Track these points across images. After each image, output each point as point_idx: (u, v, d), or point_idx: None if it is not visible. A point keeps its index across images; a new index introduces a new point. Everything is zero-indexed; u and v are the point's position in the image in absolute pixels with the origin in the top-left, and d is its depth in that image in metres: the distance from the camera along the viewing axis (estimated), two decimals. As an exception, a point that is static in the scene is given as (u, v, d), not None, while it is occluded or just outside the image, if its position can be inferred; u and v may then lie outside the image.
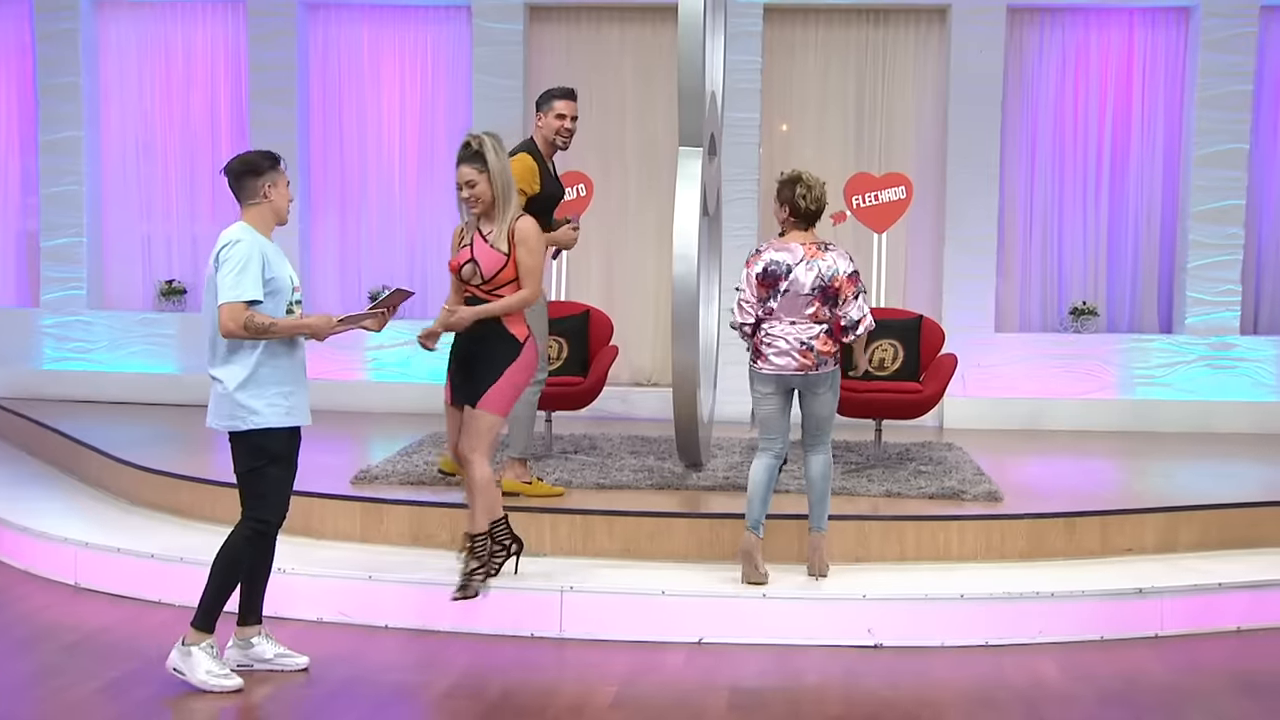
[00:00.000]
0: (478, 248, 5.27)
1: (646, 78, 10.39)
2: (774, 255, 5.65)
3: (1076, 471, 7.96)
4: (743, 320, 5.66)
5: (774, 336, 5.64)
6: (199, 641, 4.76)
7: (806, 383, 5.69)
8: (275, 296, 4.75)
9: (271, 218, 4.84)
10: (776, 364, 5.64)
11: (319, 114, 10.55)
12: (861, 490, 6.74)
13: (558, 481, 6.81)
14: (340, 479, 6.84)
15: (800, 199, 5.67)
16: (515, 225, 5.27)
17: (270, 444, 4.78)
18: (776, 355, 5.64)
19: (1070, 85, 10.21)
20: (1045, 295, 10.32)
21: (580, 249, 10.23)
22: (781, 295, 5.61)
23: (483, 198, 5.24)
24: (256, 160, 4.83)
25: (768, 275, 5.62)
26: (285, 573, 5.70)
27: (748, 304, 5.65)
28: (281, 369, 4.79)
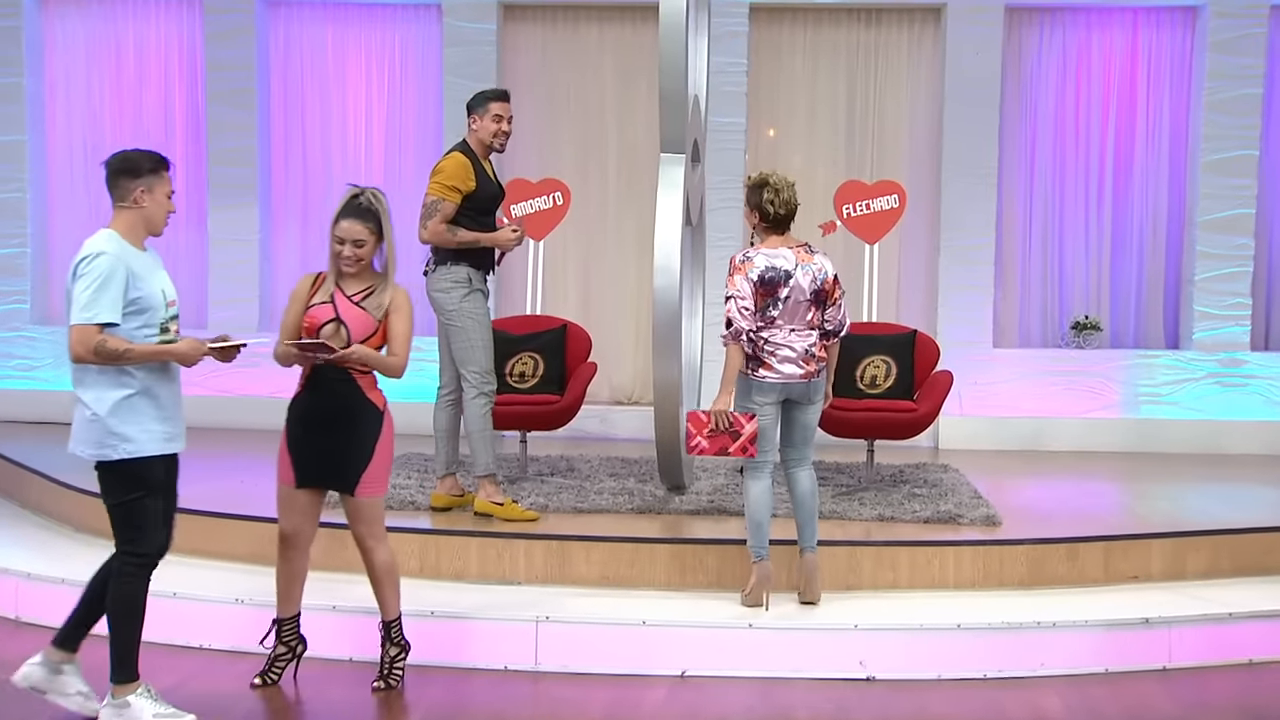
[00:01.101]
0: (344, 308, 4.92)
1: (626, 80, 10.42)
2: (768, 261, 5.65)
3: (1079, 494, 7.98)
4: (747, 326, 5.63)
5: (777, 344, 5.66)
6: (131, 691, 4.66)
7: (807, 391, 5.74)
8: (142, 315, 4.55)
9: (143, 227, 4.67)
10: (782, 372, 5.66)
11: (280, 117, 10.55)
12: (853, 514, 6.75)
13: (532, 505, 6.81)
14: (302, 504, 6.81)
15: (768, 204, 5.70)
16: (394, 294, 4.98)
17: (148, 474, 4.61)
18: (781, 364, 5.66)
19: (1071, 88, 10.28)
20: (1045, 309, 10.37)
21: (557, 260, 10.28)
22: (783, 303, 5.65)
23: (365, 260, 4.93)
24: (137, 160, 4.68)
25: (765, 282, 5.64)
26: (244, 604, 5.68)
27: (748, 311, 5.63)
28: (159, 391, 4.60)
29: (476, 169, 6.57)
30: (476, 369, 6.59)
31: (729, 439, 5.60)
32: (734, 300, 5.63)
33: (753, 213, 5.76)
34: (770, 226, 5.75)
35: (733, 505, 6.88)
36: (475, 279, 6.60)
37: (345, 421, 4.96)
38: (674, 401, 6.68)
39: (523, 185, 9.10)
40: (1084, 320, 10.10)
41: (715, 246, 9.52)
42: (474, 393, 6.59)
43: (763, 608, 5.72)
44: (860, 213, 9.01)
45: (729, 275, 5.69)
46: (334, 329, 4.90)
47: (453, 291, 6.57)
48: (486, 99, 6.64)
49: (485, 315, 6.60)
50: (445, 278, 6.60)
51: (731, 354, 5.63)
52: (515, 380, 7.81)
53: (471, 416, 6.62)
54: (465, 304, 6.56)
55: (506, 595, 5.93)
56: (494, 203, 6.71)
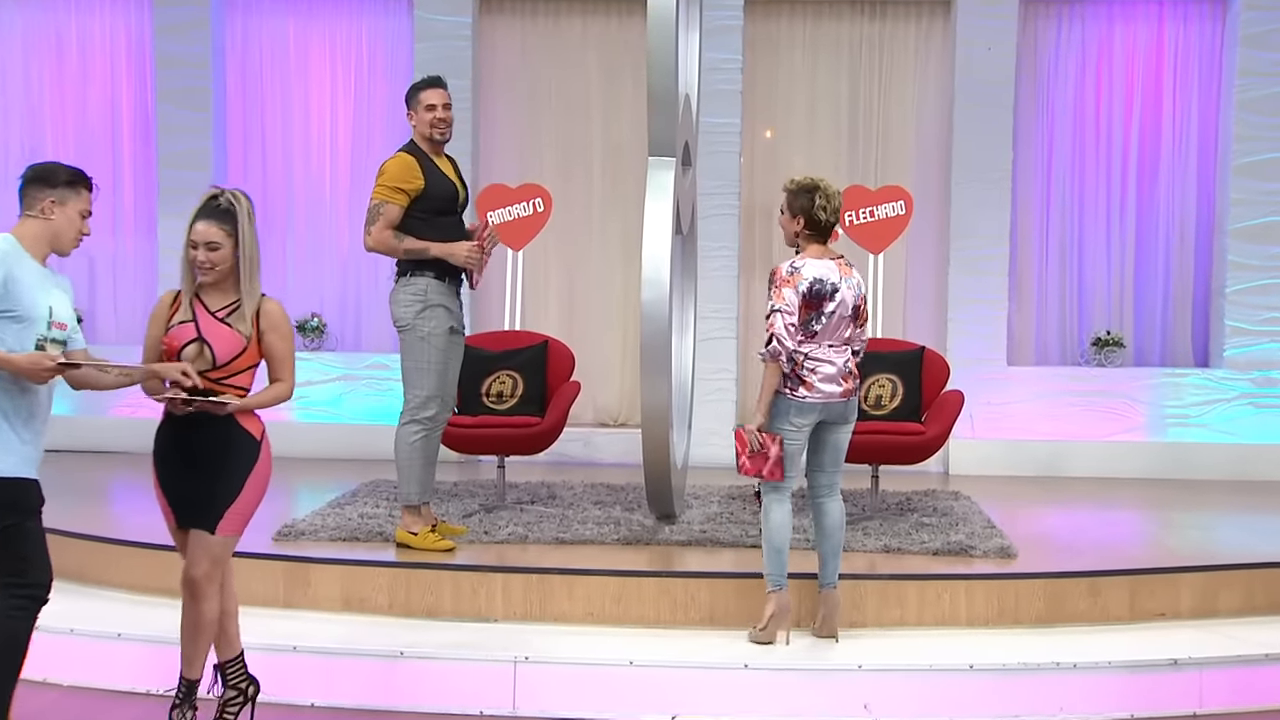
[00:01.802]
0: (206, 325, 4.77)
1: (612, 78, 10.45)
2: (816, 272, 5.71)
3: (1101, 524, 8.00)
4: (791, 346, 5.66)
5: (818, 361, 5.71)
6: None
7: (844, 411, 5.83)
8: (17, 324, 4.47)
9: (46, 241, 4.61)
10: (824, 391, 5.72)
11: (237, 117, 10.56)
12: (856, 545, 6.76)
13: (511, 536, 6.82)
14: (261, 535, 6.79)
15: (820, 210, 5.76)
16: (263, 307, 4.90)
17: (23, 497, 4.54)
18: (824, 382, 5.71)
19: (1091, 86, 10.32)
20: (1064, 324, 10.40)
21: (538, 271, 10.29)
22: (828, 318, 5.72)
23: (220, 266, 4.80)
24: (54, 171, 4.65)
25: (813, 295, 5.69)
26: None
27: (793, 328, 5.67)
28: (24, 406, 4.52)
29: (425, 166, 6.62)
30: (418, 392, 6.62)
31: (763, 460, 5.68)
32: (780, 315, 5.64)
33: (795, 219, 5.79)
34: (815, 235, 5.81)
35: (727, 536, 6.89)
36: (435, 293, 6.62)
37: (216, 453, 4.77)
38: (663, 423, 6.69)
39: (500, 191, 9.14)
40: (1105, 336, 10.13)
41: (708, 257, 9.54)
42: (407, 417, 6.64)
43: (777, 643, 5.74)
44: (864, 220, 9.04)
45: (775, 288, 5.68)
46: (196, 350, 4.73)
47: (408, 306, 6.61)
48: (415, 89, 6.75)
49: (442, 335, 6.61)
50: (403, 290, 6.63)
51: (771, 373, 5.67)
52: (492, 401, 7.81)
53: (399, 443, 6.66)
54: (419, 320, 6.58)
55: (482, 634, 5.92)
56: (450, 202, 6.71)
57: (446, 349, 6.67)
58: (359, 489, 8.18)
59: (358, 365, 10.12)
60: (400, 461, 6.67)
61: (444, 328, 6.62)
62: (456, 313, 6.75)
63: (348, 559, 6.40)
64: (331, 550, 6.56)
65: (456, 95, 9.94)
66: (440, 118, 6.71)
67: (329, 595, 6.30)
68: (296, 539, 6.77)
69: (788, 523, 5.79)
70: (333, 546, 6.64)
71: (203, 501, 4.76)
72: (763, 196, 10.27)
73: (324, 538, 6.78)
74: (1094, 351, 10.14)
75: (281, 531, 6.84)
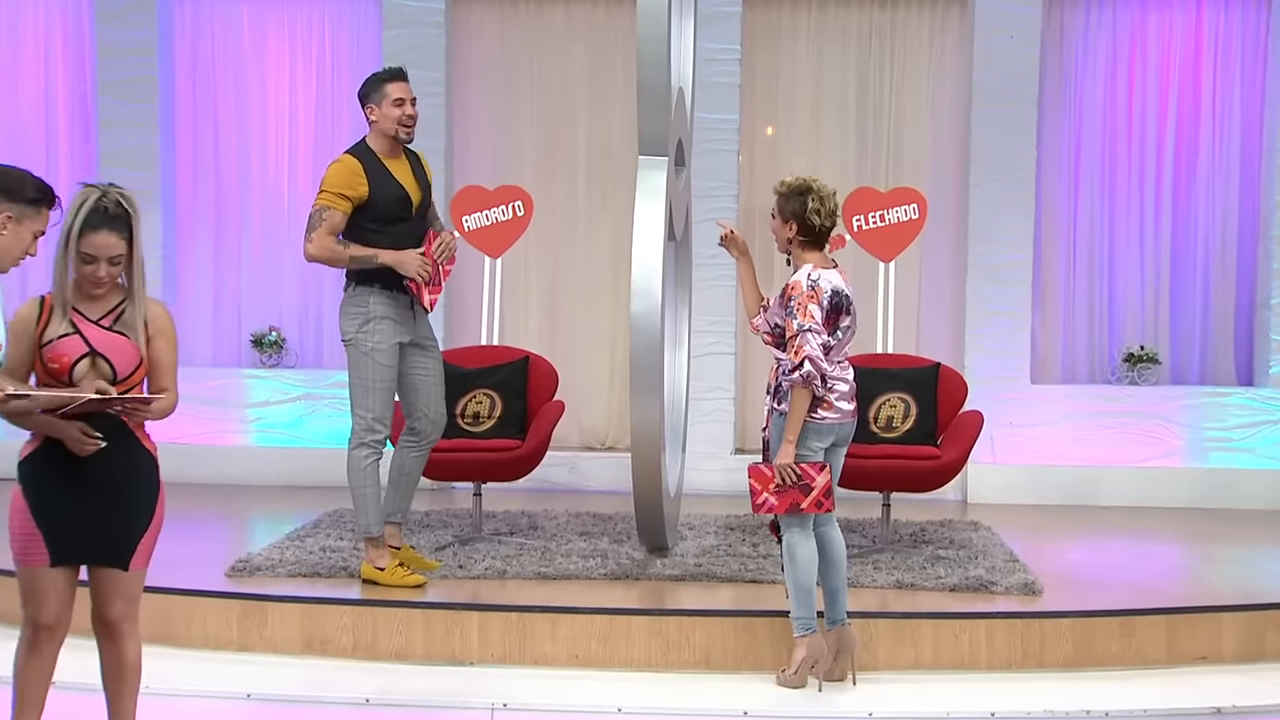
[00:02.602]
0: (97, 337, 4.55)
1: (599, 70, 10.47)
2: (833, 283, 5.79)
3: (1135, 558, 8.01)
4: (828, 369, 5.71)
5: (834, 379, 5.78)
6: None
7: (851, 432, 5.95)
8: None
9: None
10: (841, 410, 5.81)
11: (186, 112, 10.55)
12: (866, 580, 6.77)
13: (488, 570, 6.82)
14: (213, 570, 6.80)
15: (814, 214, 5.78)
16: (149, 311, 4.68)
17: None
18: (840, 400, 5.81)
19: (1123, 78, 10.34)
20: (1093, 338, 10.41)
21: (517, 281, 10.30)
22: (843, 333, 5.83)
23: (115, 277, 4.59)
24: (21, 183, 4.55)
25: (833, 309, 5.77)
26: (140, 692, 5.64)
27: (825, 347, 5.73)
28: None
29: (371, 170, 6.62)
30: (365, 413, 6.65)
31: (799, 494, 5.67)
32: (812, 335, 5.66)
33: (787, 224, 5.83)
34: (811, 241, 5.85)
35: (724, 570, 6.89)
36: (381, 305, 6.64)
37: (122, 477, 4.59)
38: (655, 447, 6.70)
39: (476, 193, 9.14)
40: (1139, 352, 10.14)
41: (704, 265, 9.55)
42: (356, 441, 6.67)
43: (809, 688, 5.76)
44: (874, 225, 9.05)
45: (798, 305, 5.69)
46: (89, 365, 4.52)
47: (352, 319, 6.65)
48: (380, 81, 6.72)
49: (388, 351, 6.64)
50: (349, 303, 6.68)
51: (800, 399, 5.68)
52: (468, 422, 7.81)
53: (350, 470, 6.69)
54: (362, 335, 6.62)
55: (456, 678, 5.92)
56: (401, 207, 6.70)
57: (398, 365, 6.70)
58: (321, 519, 8.17)
59: (320, 383, 10.12)
60: (354, 490, 6.70)
61: (389, 343, 6.63)
62: (410, 326, 6.76)
63: (308, 596, 6.39)
64: (290, 587, 6.55)
65: (429, 88, 10.05)
66: (409, 114, 6.72)
67: (288, 637, 6.29)
68: (252, 575, 6.76)
69: (815, 559, 5.80)
70: (292, 583, 6.64)
71: (112, 534, 4.58)
72: (763, 199, 10.28)
73: (282, 573, 6.78)
74: (1126, 369, 10.15)
75: (235, 567, 6.84)
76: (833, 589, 5.91)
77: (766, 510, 5.71)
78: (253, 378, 10.20)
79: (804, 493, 5.66)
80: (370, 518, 6.69)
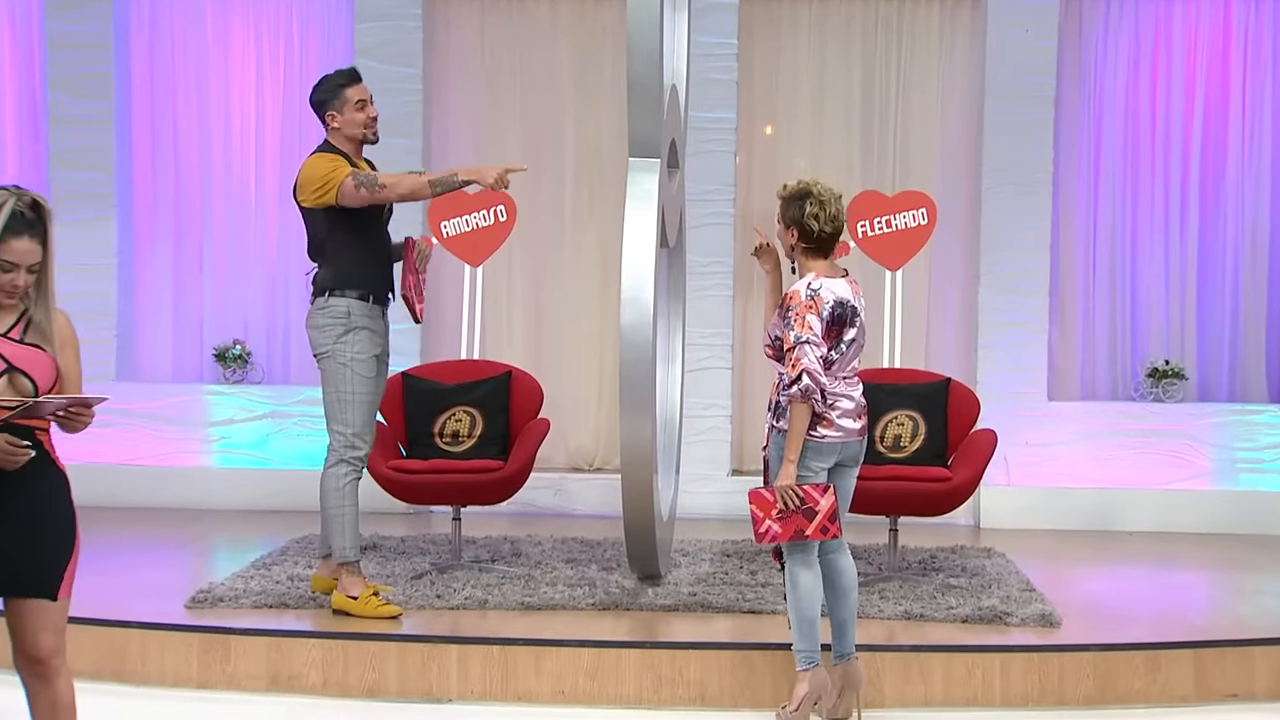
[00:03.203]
0: (11, 351, 4.47)
1: (586, 66, 10.48)
2: (837, 294, 5.77)
3: (1160, 587, 8.02)
4: (826, 383, 5.69)
5: (836, 395, 5.77)
6: None
7: (859, 451, 5.92)
8: None
9: None
10: (845, 428, 5.79)
11: (144, 109, 10.55)
12: (872, 611, 6.77)
13: (468, 601, 6.82)
14: (171, 601, 6.78)
15: (811, 219, 5.78)
16: (56, 320, 4.61)
17: None
18: (843, 417, 5.78)
19: (1147, 75, 10.36)
20: (1115, 352, 10.42)
21: (500, 290, 10.30)
22: (847, 346, 5.80)
23: (30, 285, 4.52)
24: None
25: (835, 321, 5.75)
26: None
27: (824, 360, 5.72)
28: None
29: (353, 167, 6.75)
30: (344, 429, 6.69)
31: (803, 519, 5.66)
32: (810, 348, 5.65)
33: (789, 230, 5.84)
34: (814, 249, 5.85)
35: (720, 599, 6.89)
36: (359, 314, 6.71)
37: (41, 499, 4.49)
38: (646, 468, 6.70)
39: (456, 197, 9.12)
40: (1164, 366, 10.15)
41: (699, 273, 9.56)
42: (334, 459, 6.70)
43: None
44: (880, 231, 9.06)
45: (795, 316, 5.68)
46: (6, 383, 4.41)
47: (327, 329, 6.70)
48: (339, 87, 6.83)
49: (370, 362, 6.71)
50: (322, 312, 6.72)
51: (800, 416, 5.66)
52: (447, 442, 7.81)
53: (327, 489, 6.71)
54: (340, 345, 6.67)
55: (434, 716, 5.90)
56: (377, 209, 6.81)
57: (377, 378, 6.76)
58: (288, 546, 8.16)
59: (288, 400, 10.11)
60: (329, 511, 6.71)
61: (370, 354, 6.71)
62: (382, 335, 6.83)
63: (274, 629, 6.38)
64: (255, 619, 6.54)
65: (404, 84, 10.08)
66: (374, 116, 6.85)
67: (252, 672, 6.28)
68: (214, 606, 6.75)
69: (819, 588, 5.80)
70: (256, 615, 6.63)
71: (38, 562, 4.46)
72: (761, 203, 10.30)
73: (246, 604, 6.76)
74: (1150, 384, 10.16)
75: (196, 598, 6.82)
76: (840, 621, 5.89)
77: (770, 539, 5.68)
78: (215, 394, 10.18)
79: (808, 518, 5.64)
80: (347, 541, 6.69)
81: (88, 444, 9.61)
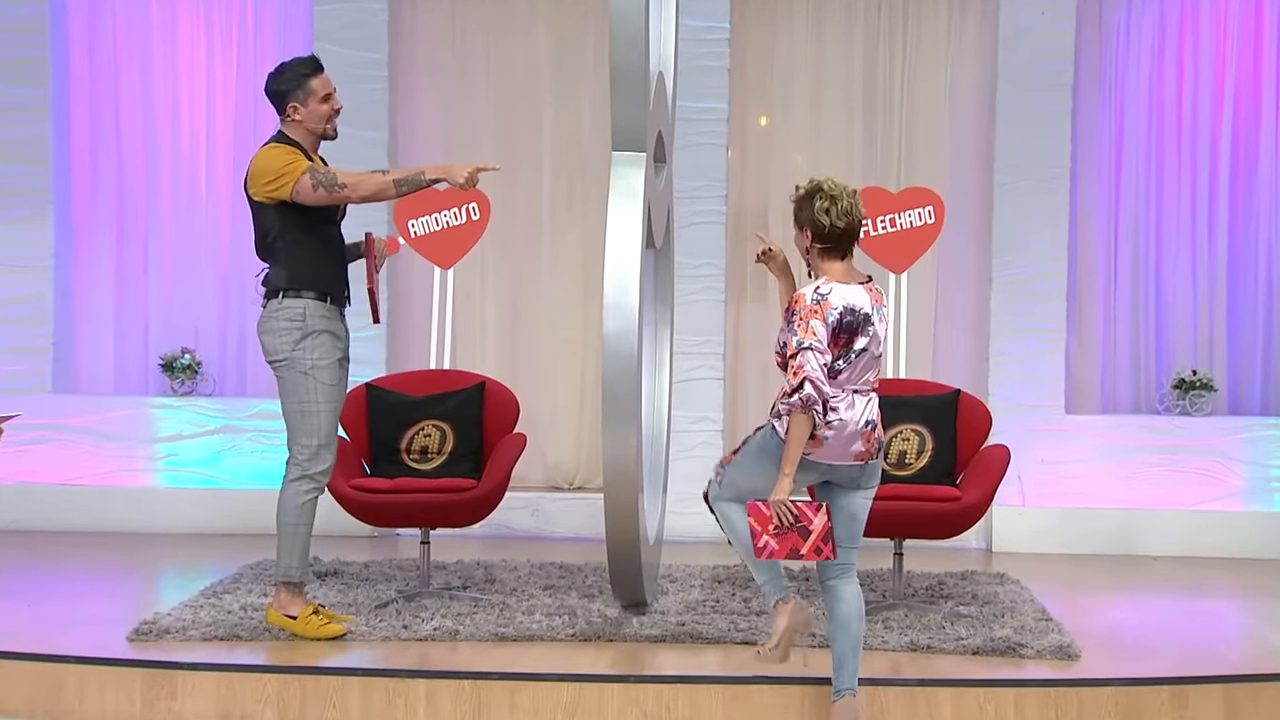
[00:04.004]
0: None
1: (566, 52, 10.49)
2: (845, 299, 5.75)
3: (1188, 617, 8.03)
4: (830, 393, 5.65)
5: (834, 413, 5.71)
6: None
7: (862, 476, 5.87)
8: None
9: None
10: (835, 452, 5.74)
11: (83, 98, 10.52)
12: (875, 642, 6.77)
13: (438, 631, 6.81)
14: (113, 633, 6.76)
15: (822, 214, 5.77)
16: None
17: None
18: (837, 439, 5.72)
19: (1173, 62, 10.36)
20: (1138, 361, 10.44)
21: (472, 295, 10.29)
22: (856, 356, 5.76)
23: None
24: None
25: (843, 328, 5.73)
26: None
27: (827, 368, 5.69)
28: None
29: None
30: (307, 441, 6.76)
31: (798, 538, 5.66)
32: (813, 355, 5.62)
33: (804, 232, 5.83)
34: (829, 249, 5.83)
35: (711, 629, 6.89)
36: (317, 316, 6.76)
37: None
38: (631, 486, 6.69)
39: (425, 194, 9.10)
40: (1191, 377, 10.17)
41: (688, 277, 9.56)
42: (296, 473, 6.78)
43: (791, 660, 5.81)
44: (883, 231, 9.07)
45: (799, 320, 5.67)
46: None
47: (284, 335, 6.72)
48: (303, 77, 6.86)
49: (329, 368, 6.77)
50: (276, 315, 6.75)
51: (800, 426, 5.62)
52: (414, 458, 7.80)
53: (286, 505, 6.78)
54: (298, 352, 6.71)
55: (399, 757, 5.91)
56: (331, 208, 6.87)
57: (339, 385, 6.82)
58: (241, 573, 8.14)
59: (242, 414, 10.09)
60: (284, 527, 6.76)
61: (331, 359, 6.76)
62: (342, 339, 6.89)
63: (225, 664, 6.37)
64: (205, 652, 6.52)
65: (368, 71, 10.08)
66: (338, 109, 6.91)
67: (201, 710, 6.26)
68: (159, 638, 6.73)
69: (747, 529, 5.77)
70: (206, 648, 6.60)
71: None
72: (755, 200, 10.31)
73: (195, 636, 6.74)
74: (1177, 397, 10.18)
75: (139, 630, 6.80)
76: (839, 655, 5.86)
77: (768, 555, 5.68)
78: (162, 408, 10.16)
79: (803, 536, 5.64)
80: (294, 560, 6.77)
81: (21, 462, 9.68)
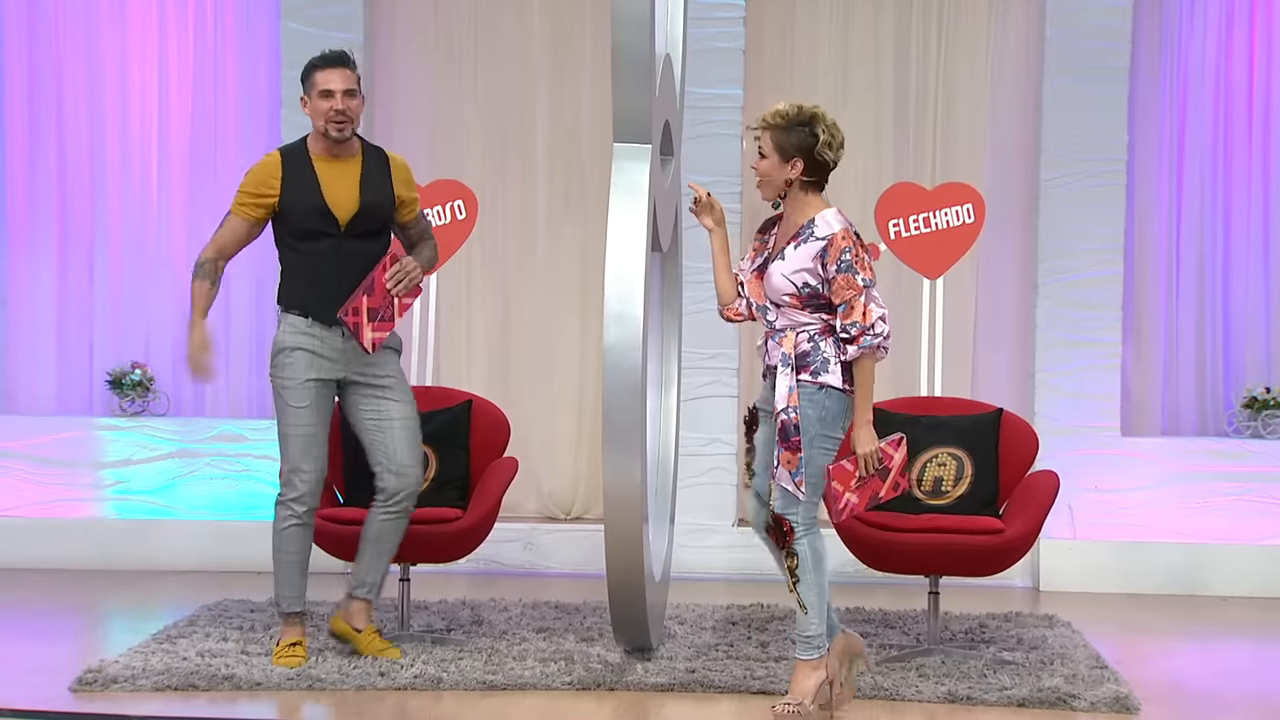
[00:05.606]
0: None
1: (563, 34, 10.51)
2: None
3: (1260, 664, 8.04)
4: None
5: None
6: None
7: None
8: None
9: None
10: None
11: (19, 87, 10.52)
12: (909, 692, 6.78)
13: (419, 678, 6.82)
14: (54, 682, 6.78)
15: (825, 147, 6.19)
16: None
17: None
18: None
19: (1243, 42, 10.34)
20: (1203, 377, 10.43)
21: (459, 303, 10.32)
22: None
23: None
24: None
25: None
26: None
27: None
28: None
29: (291, 172, 6.96)
30: (282, 464, 7.09)
31: (878, 481, 6.09)
32: (875, 293, 6.12)
33: (788, 163, 6.18)
34: (814, 182, 6.25)
35: (724, 677, 6.89)
36: (293, 332, 6.98)
37: None
38: (634, 517, 6.70)
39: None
40: (1264, 395, 10.17)
41: (697, 281, 9.57)
42: (277, 499, 7.11)
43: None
44: (916, 231, 9.09)
45: (856, 258, 6.09)
46: None
47: (272, 352, 7.09)
48: (312, 68, 7.05)
49: (300, 391, 6.99)
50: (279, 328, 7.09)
51: (870, 371, 6.12)
52: (391, 487, 7.83)
53: (272, 531, 7.14)
54: (274, 369, 7.07)
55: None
56: (318, 220, 6.97)
57: (311, 407, 6.98)
58: (198, 614, 8.15)
59: (199, 435, 10.10)
60: (272, 554, 7.12)
61: (301, 379, 6.95)
62: (343, 361, 7.02)
63: (179, 716, 6.38)
64: (156, 704, 6.53)
65: (342, 57, 10.09)
66: (338, 108, 6.96)
67: (155, 766, 6.29)
68: (106, 688, 6.74)
69: None
70: (158, 699, 6.61)
71: None
72: (773, 196, 10.33)
73: (146, 686, 6.74)
74: (1247, 417, 10.18)
75: (83, 679, 6.80)
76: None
77: (848, 515, 6.11)
78: (110, 429, 10.17)
79: (883, 478, 6.06)
80: (280, 589, 7.08)
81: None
